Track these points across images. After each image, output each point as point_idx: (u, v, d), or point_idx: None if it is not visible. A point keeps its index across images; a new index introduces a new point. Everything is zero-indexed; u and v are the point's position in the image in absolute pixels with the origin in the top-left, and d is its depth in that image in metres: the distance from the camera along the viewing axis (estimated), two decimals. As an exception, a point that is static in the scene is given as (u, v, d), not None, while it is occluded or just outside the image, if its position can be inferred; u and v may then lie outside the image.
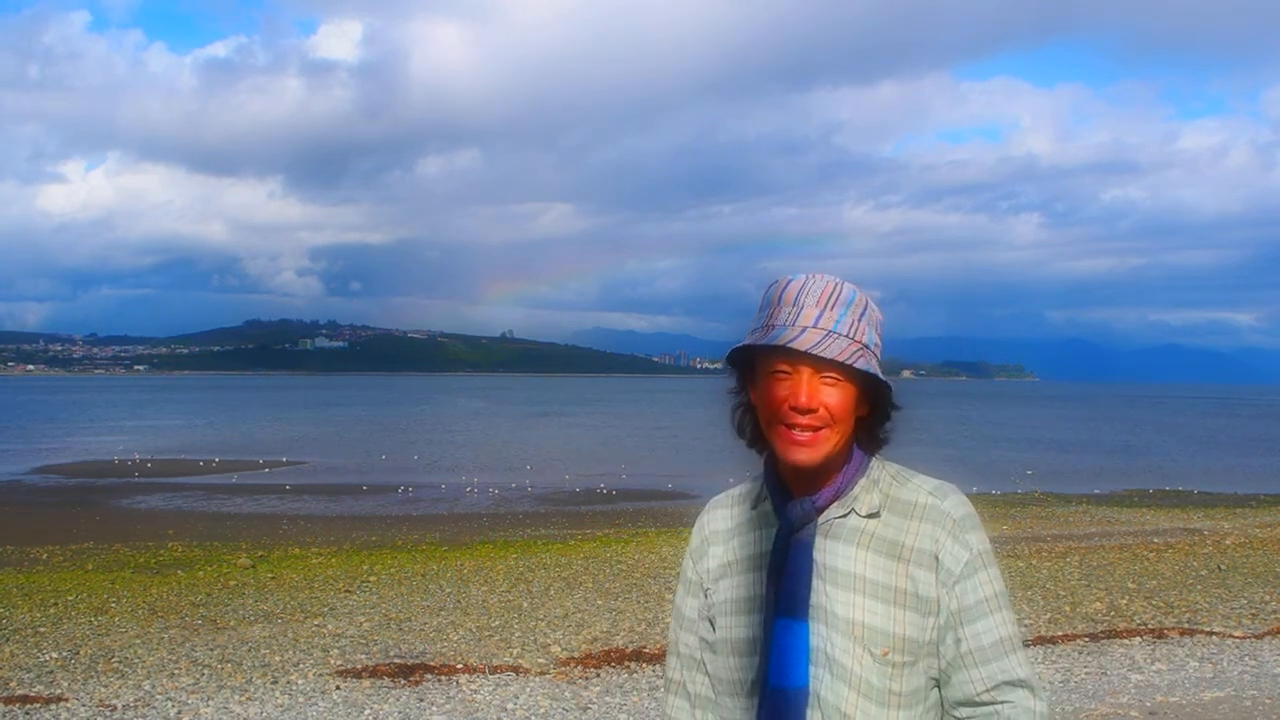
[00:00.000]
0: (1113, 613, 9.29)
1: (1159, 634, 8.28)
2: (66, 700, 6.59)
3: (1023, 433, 54.22)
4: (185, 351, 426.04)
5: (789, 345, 1.63)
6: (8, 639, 8.42)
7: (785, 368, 1.66)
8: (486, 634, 8.61)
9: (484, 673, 7.26)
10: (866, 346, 1.68)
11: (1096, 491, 24.76)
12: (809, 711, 1.67)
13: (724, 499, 1.91)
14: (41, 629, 8.83)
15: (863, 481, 1.73)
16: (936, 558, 1.68)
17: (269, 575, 11.89)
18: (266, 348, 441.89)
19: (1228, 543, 14.03)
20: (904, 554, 1.69)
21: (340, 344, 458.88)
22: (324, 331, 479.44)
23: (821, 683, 1.67)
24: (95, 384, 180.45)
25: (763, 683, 1.70)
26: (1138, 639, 8.12)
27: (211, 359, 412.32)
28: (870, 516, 1.71)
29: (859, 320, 1.69)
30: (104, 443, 39.95)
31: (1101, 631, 8.44)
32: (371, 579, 11.49)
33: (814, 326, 1.65)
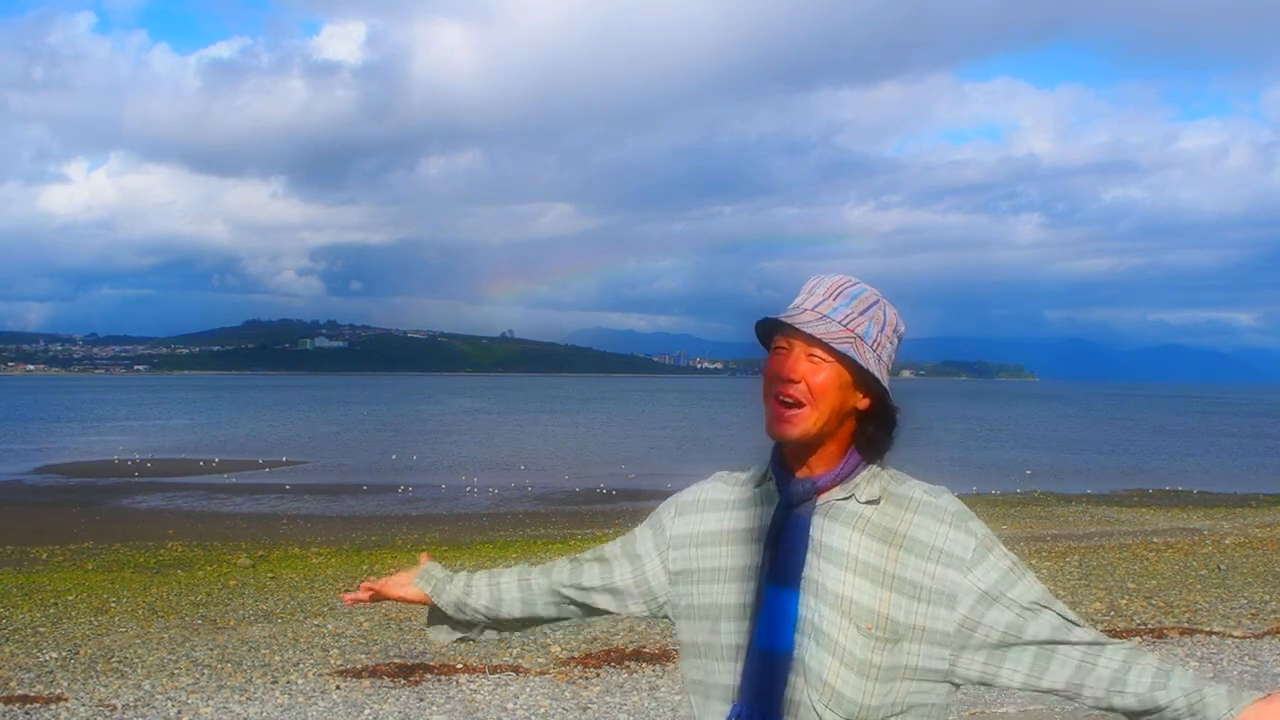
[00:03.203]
0: (1112, 612, 9.30)
1: (1159, 634, 8.29)
2: (66, 700, 6.59)
3: (1022, 432, 54.22)
4: (185, 351, 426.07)
5: (781, 319, 1.80)
6: (8, 639, 8.42)
7: (783, 344, 1.82)
8: (486, 634, 8.60)
9: (484, 672, 7.26)
10: (860, 338, 1.80)
11: (1096, 491, 24.77)
12: (792, 675, 1.77)
13: (726, 475, 2.06)
14: (41, 629, 8.84)
15: (865, 473, 1.85)
16: (940, 550, 1.77)
17: (269, 575, 11.89)
18: (267, 348, 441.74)
19: (1227, 542, 14.03)
20: (895, 540, 1.79)
21: (340, 344, 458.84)
22: (324, 331, 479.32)
23: (806, 650, 1.77)
24: (95, 384, 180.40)
25: (750, 645, 1.81)
26: (1137, 639, 8.12)
27: (212, 359, 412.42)
28: (869, 504, 1.82)
29: (859, 315, 1.81)
30: (104, 443, 39.97)
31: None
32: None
33: (811, 310, 1.81)
